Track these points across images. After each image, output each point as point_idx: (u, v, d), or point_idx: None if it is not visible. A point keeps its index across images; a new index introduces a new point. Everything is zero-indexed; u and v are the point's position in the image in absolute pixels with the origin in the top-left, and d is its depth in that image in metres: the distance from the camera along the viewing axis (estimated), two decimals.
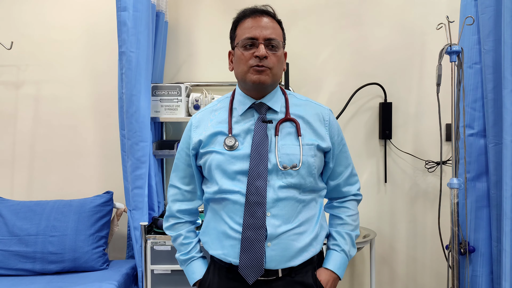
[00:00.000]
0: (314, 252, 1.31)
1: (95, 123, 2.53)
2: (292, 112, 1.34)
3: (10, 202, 2.29)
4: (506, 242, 1.75)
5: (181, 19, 2.53)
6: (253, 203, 1.24)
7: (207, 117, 1.37)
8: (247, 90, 1.32)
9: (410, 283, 2.55)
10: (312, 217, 1.32)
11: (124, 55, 2.09)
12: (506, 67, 1.74)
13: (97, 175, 2.54)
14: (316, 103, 1.40)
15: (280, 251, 1.25)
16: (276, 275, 1.27)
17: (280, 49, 1.29)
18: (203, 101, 2.31)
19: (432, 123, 2.46)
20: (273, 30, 1.28)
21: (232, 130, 1.31)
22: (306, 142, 1.30)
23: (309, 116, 1.34)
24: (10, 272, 2.12)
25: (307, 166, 1.28)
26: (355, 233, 1.42)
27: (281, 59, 1.31)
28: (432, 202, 2.50)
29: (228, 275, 1.30)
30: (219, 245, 1.30)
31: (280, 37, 1.31)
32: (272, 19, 1.31)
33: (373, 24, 2.48)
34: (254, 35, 1.26)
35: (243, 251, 1.24)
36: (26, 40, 2.51)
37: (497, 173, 1.87)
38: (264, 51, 1.24)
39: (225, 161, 1.28)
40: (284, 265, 1.26)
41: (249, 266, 1.24)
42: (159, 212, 2.37)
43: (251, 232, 1.23)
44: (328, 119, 1.36)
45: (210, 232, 1.34)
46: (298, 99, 1.39)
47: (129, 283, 2.14)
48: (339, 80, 2.51)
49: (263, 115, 1.31)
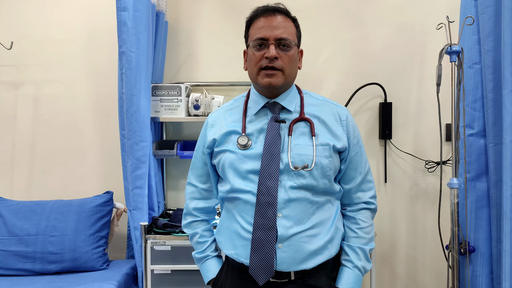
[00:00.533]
0: (329, 255, 1.27)
1: (95, 123, 2.53)
2: (307, 111, 1.31)
3: (10, 202, 2.29)
4: (506, 242, 1.75)
5: (181, 19, 2.53)
6: (264, 203, 1.22)
7: (223, 116, 1.37)
8: (260, 90, 1.31)
9: (410, 283, 2.55)
10: (327, 220, 1.28)
11: (124, 55, 2.09)
12: (506, 67, 1.74)
13: (97, 175, 2.54)
14: (333, 102, 1.36)
15: (292, 253, 1.22)
16: (288, 278, 1.25)
17: (292, 48, 1.26)
18: (203, 101, 2.31)
19: (432, 123, 2.46)
20: (285, 29, 1.25)
21: (246, 129, 1.30)
22: (320, 142, 1.26)
23: (325, 115, 1.30)
24: (10, 272, 2.12)
25: (320, 167, 1.24)
26: (369, 246, 1.34)
27: (294, 58, 1.28)
28: (432, 202, 2.50)
29: (241, 276, 1.29)
30: (232, 245, 1.29)
31: (292, 36, 1.27)
32: (285, 17, 1.27)
33: (373, 24, 2.48)
34: (265, 35, 1.23)
35: (254, 251, 1.22)
36: (26, 40, 2.51)
37: (497, 173, 1.87)
38: (273, 52, 1.22)
39: (237, 160, 1.27)
40: (296, 268, 1.23)
41: (259, 267, 1.22)
42: (159, 212, 2.37)
43: (261, 232, 1.21)
44: (345, 119, 1.31)
45: (224, 231, 1.34)
46: (314, 98, 1.35)
47: (129, 283, 2.14)
48: (339, 80, 2.51)
49: (276, 115, 1.29)
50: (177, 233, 2.06)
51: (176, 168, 2.55)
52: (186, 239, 2.03)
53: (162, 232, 2.07)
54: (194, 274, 2.02)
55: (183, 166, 2.53)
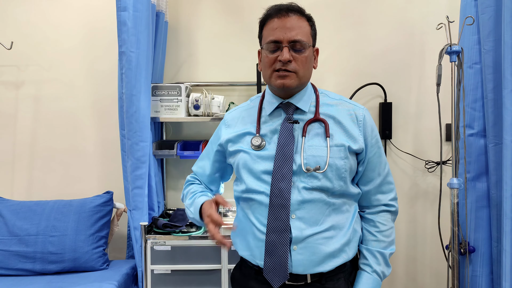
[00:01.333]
0: (346, 258, 1.25)
1: (95, 123, 2.53)
2: (322, 111, 1.28)
3: (10, 202, 2.29)
4: (506, 242, 1.75)
5: (181, 19, 2.53)
6: (277, 206, 1.20)
7: (239, 115, 1.37)
8: (274, 91, 1.30)
9: (410, 283, 2.55)
10: (344, 222, 1.25)
11: (124, 55, 2.09)
12: (506, 67, 1.74)
13: (97, 175, 2.54)
14: (350, 102, 1.32)
15: (308, 255, 1.20)
16: (305, 281, 1.23)
17: (306, 50, 1.22)
18: (203, 101, 2.31)
19: (432, 123, 2.46)
20: (299, 30, 1.22)
21: (260, 130, 1.29)
22: (335, 143, 1.23)
23: (341, 116, 1.27)
24: (10, 272, 2.12)
25: (335, 169, 1.22)
26: (389, 250, 1.30)
27: (309, 59, 1.24)
28: (432, 202, 2.50)
29: (257, 277, 1.28)
30: (247, 246, 1.28)
31: (306, 36, 1.23)
32: (299, 16, 1.24)
33: (373, 24, 2.48)
34: (278, 37, 1.21)
35: (267, 255, 1.21)
36: (27, 40, 2.51)
37: (497, 173, 1.87)
38: (287, 56, 1.19)
39: (251, 160, 1.26)
40: (312, 270, 1.21)
41: (273, 270, 1.20)
42: (159, 212, 2.37)
43: (274, 235, 1.20)
44: (362, 119, 1.27)
45: (239, 232, 1.33)
46: (331, 98, 1.32)
47: (129, 283, 2.14)
48: (339, 80, 2.51)
49: (290, 115, 1.27)
50: (177, 233, 2.06)
51: (176, 168, 2.55)
52: (186, 239, 2.03)
53: (162, 232, 2.07)
54: (194, 274, 2.02)
55: (183, 166, 2.53)
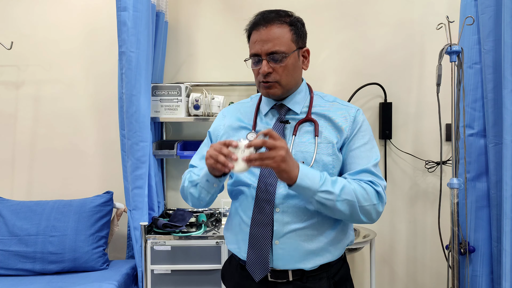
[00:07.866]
0: (330, 258, 1.25)
1: (95, 123, 2.53)
2: (315, 112, 1.30)
3: (10, 202, 2.29)
4: (506, 242, 1.75)
5: (181, 19, 2.53)
6: (262, 200, 1.23)
7: (238, 109, 1.40)
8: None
9: (410, 283, 2.55)
10: (331, 221, 1.25)
11: (124, 55, 2.09)
12: (506, 67, 1.74)
13: (97, 175, 2.54)
14: (344, 103, 1.33)
15: (289, 251, 1.22)
16: (286, 278, 1.24)
17: (285, 59, 1.23)
18: (203, 101, 2.31)
19: (432, 123, 2.46)
20: (277, 40, 1.22)
21: (256, 126, 1.33)
22: (324, 139, 1.25)
23: (333, 114, 1.28)
24: (10, 272, 2.12)
25: (322, 165, 1.23)
26: (340, 187, 1.15)
27: (291, 67, 1.25)
28: (432, 202, 2.50)
29: (242, 272, 1.30)
30: (235, 239, 1.31)
31: (286, 44, 1.23)
32: (278, 25, 1.23)
33: (373, 24, 2.48)
34: (257, 51, 1.24)
35: (250, 248, 1.24)
36: (26, 40, 2.51)
37: (497, 173, 1.87)
38: (265, 69, 1.22)
39: None
40: (293, 266, 1.23)
41: (255, 263, 1.23)
42: (159, 212, 2.37)
43: (258, 229, 1.23)
44: (353, 116, 1.28)
45: (230, 227, 1.36)
46: (325, 100, 1.33)
47: (129, 283, 2.14)
48: (339, 80, 2.51)
49: (282, 116, 1.30)
50: (177, 233, 2.06)
51: (176, 168, 2.55)
52: (186, 239, 2.03)
53: (162, 232, 2.07)
54: (194, 274, 2.02)
55: (183, 166, 2.53)
